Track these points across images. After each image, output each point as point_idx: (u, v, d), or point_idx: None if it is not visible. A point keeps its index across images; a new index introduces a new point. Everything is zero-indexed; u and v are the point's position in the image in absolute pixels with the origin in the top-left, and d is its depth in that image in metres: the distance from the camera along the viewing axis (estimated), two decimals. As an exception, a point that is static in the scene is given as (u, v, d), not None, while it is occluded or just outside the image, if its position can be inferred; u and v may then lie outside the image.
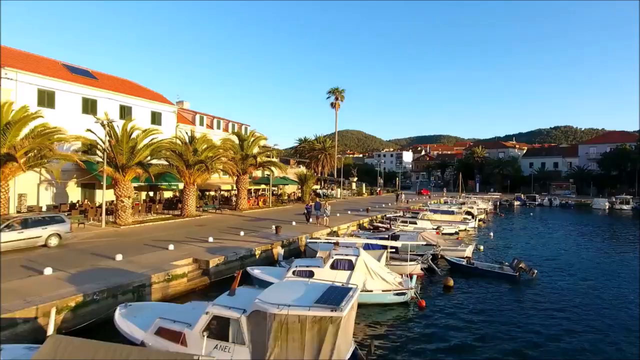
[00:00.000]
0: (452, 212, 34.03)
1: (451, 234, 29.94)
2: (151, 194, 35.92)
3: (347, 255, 13.52)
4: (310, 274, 13.24)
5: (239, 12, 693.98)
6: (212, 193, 40.99)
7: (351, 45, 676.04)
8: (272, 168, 36.66)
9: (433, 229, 28.68)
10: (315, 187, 58.26)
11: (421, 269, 17.19)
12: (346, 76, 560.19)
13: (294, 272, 13.34)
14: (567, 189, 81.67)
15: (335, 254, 13.58)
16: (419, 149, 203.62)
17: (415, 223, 30.30)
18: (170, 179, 30.96)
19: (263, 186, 46.22)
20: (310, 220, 26.48)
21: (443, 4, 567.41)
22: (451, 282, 15.60)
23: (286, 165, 47.97)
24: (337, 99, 67.40)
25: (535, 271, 16.91)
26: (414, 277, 14.17)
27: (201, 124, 42.81)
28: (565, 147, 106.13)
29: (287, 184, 47.16)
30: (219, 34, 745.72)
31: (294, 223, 26.40)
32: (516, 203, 65.84)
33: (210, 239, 19.25)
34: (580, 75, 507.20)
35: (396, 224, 29.25)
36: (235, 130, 47.12)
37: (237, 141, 35.65)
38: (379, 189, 74.59)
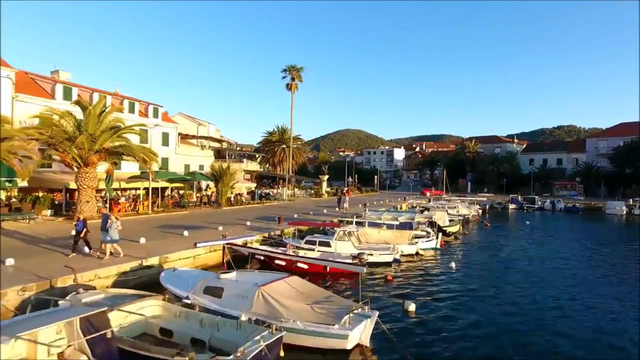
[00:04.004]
0: (396, 227, 21.92)
1: (389, 264, 18.03)
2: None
3: None
4: None
5: (248, 11, 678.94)
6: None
7: (350, 43, 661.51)
8: (144, 157, 24.51)
9: (353, 256, 16.83)
10: (250, 185, 46.25)
11: None
12: (345, 75, 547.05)
13: None
14: (572, 189, 69.21)
15: None
16: (414, 146, 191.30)
17: (329, 245, 18.34)
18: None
19: (171, 184, 34.39)
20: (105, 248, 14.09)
21: (446, 4, 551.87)
22: None
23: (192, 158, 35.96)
24: (293, 79, 55.40)
25: None
26: None
27: (67, 98, 30.82)
28: (570, 142, 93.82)
29: (195, 181, 35.31)
30: (218, 33, 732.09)
31: (85, 250, 14.52)
32: (511, 206, 53.60)
33: None
34: (583, 75, 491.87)
35: (288, 249, 17.24)
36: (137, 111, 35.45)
37: (82, 115, 23.64)
38: (346, 188, 62.49)
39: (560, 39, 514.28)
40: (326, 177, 68.23)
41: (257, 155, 71.66)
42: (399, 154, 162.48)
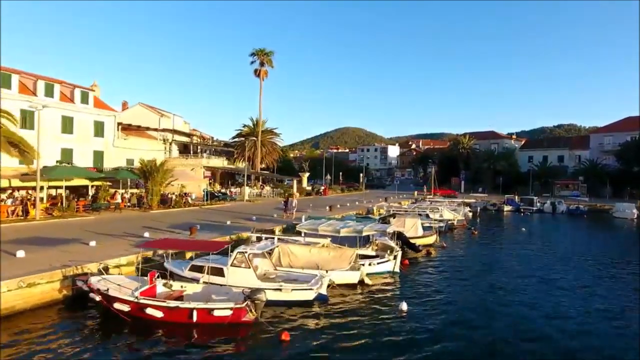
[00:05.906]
0: (339, 241, 15.81)
1: (308, 303, 11.96)
2: None
3: None
4: None
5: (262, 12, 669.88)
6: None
7: (348, 42, 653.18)
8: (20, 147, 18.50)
9: (245, 295, 10.79)
10: (204, 183, 40.22)
11: None
12: (345, 74, 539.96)
13: None
14: (575, 189, 63.09)
15: None
16: (410, 143, 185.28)
17: (221, 273, 12.31)
18: None
19: (91, 182, 28.50)
20: None
21: (446, 3, 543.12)
22: None
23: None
24: (262, 64, 49.41)
25: None
26: None
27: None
28: (572, 137, 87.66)
29: (120, 179, 29.36)
30: (219, 33, 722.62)
31: None
32: (506, 208, 47.57)
33: None
34: (584, 73, 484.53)
35: (150, 281, 11.20)
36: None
37: None
38: (323, 187, 56.52)
39: (561, 38, 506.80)
40: (306, 174, 62.52)
41: (235, 151, 65.79)
42: (393, 151, 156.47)
